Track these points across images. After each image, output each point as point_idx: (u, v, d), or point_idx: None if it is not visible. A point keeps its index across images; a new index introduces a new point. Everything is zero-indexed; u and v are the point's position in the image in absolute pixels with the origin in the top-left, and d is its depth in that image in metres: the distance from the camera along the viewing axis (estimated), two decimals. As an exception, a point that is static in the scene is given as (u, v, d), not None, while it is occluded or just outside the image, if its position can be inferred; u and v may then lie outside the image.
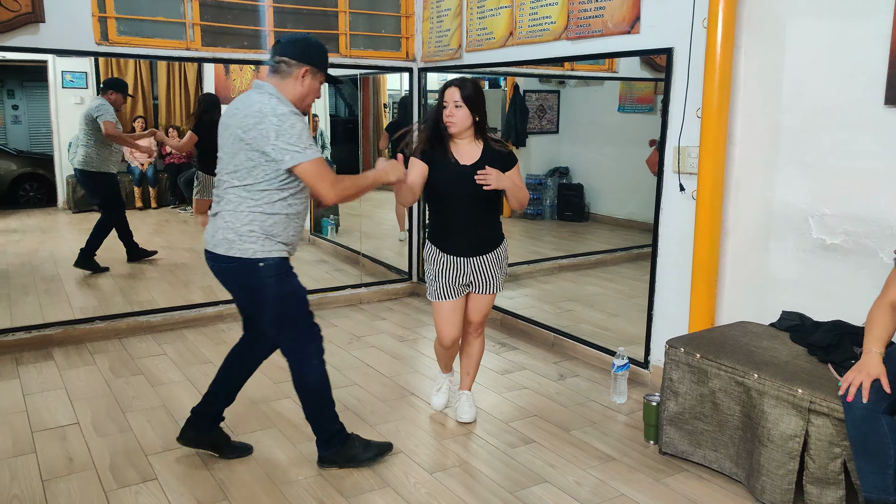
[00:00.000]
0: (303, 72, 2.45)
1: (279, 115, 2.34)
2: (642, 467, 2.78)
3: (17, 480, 2.63)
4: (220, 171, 2.51)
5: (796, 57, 2.89)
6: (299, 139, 2.35)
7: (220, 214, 2.50)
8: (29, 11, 3.71)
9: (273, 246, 2.47)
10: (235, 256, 2.45)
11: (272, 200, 2.43)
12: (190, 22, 4.18)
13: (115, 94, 5.51)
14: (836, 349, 2.53)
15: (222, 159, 2.49)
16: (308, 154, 2.35)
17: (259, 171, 2.40)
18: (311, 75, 2.48)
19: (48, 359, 3.89)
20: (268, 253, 2.46)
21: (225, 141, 2.46)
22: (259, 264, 2.46)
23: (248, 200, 2.43)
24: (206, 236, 2.54)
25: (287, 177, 2.42)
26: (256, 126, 2.34)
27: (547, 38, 3.95)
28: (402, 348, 4.11)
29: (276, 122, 2.33)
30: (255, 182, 2.41)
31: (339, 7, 4.66)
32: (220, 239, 2.47)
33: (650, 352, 3.55)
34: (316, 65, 2.48)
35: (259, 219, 2.44)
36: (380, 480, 2.66)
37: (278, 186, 2.42)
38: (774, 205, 3.03)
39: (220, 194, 2.52)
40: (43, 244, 6.74)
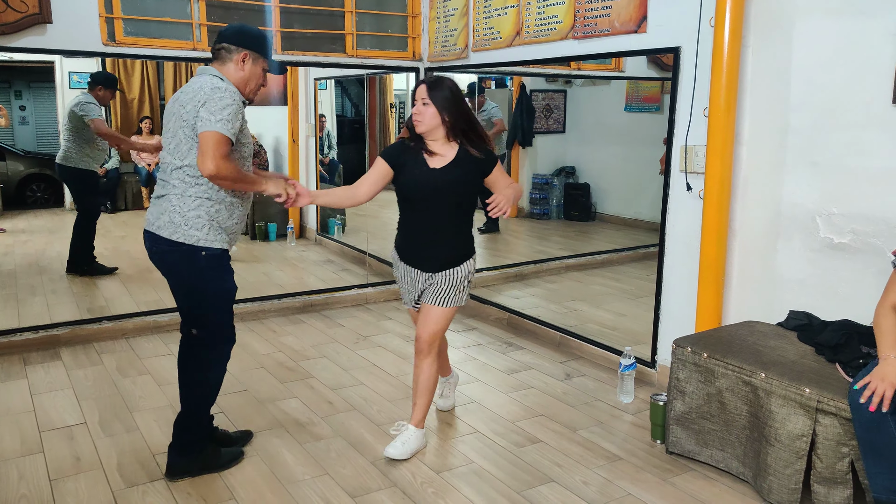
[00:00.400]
0: (242, 56, 2.50)
1: (213, 87, 2.39)
2: (649, 467, 2.77)
3: (25, 480, 2.65)
4: (164, 154, 2.51)
5: (804, 56, 2.88)
6: (221, 111, 2.35)
7: (166, 197, 2.50)
8: (36, 12, 3.73)
9: (217, 236, 2.52)
10: (178, 241, 2.48)
11: (216, 186, 2.47)
12: (197, 22, 4.19)
13: (104, 90, 5.33)
14: (843, 349, 2.52)
15: (166, 142, 2.50)
16: (217, 126, 2.34)
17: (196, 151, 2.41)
18: (251, 60, 2.52)
19: (56, 359, 3.91)
20: (210, 243, 2.50)
21: (168, 123, 2.49)
22: (201, 252, 2.49)
23: (195, 187, 2.46)
24: (150, 217, 2.55)
25: None
26: (192, 100, 2.39)
27: (553, 38, 3.95)
28: (409, 348, 4.11)
29: (209, 93, 2.37)
30: (194, 163, 2.42)
31: (345, 7, 4.67)
32: (166, 221, 2.48)
33: (657, 351, 3.55)
34: (256, 49, 2.53)
35: (206, 205, 2.48)
36: (387, 480, 2.66)
37: None
38: (782, 204, 3.02)
39: (164, 178, 2.52)
40: (50, 244, 6.77)
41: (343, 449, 2.90)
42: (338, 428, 3.09)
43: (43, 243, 6.82)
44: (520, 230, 7.24)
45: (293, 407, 3.29)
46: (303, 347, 4.14)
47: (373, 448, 2.91)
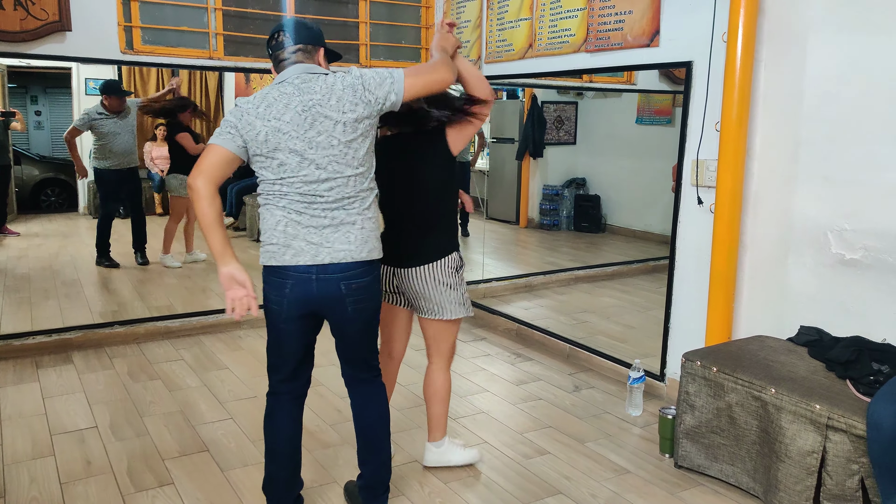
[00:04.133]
0: (320, 55, 2.25)
1: (360, 74, 2.13)
2: (658, 481, 2.76)
3: (36, 483, 2.67)
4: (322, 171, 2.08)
5: (817, 70, 2.89)
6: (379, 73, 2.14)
7: (353, 220, 2.13)
8: (56, 20, 3.78)
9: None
10: (377, 260, 2.23)
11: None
12: (213, 32, 4.24)
13: (109, 97, 5.66)
14: (854, 365, 2.51)
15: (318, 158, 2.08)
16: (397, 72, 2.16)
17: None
18: (324, 57, 2.28)
19: (67, 362, 3.94)
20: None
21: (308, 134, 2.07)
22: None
23: (371, 191, 2.20)
24: (336, 248, 2.11)
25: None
26: (339, 93, 2.09)
27: (566, 51, 3.97)
28: (417, 357, 4.12)
29: (354, 74, 2.12)
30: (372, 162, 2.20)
31: (359, 18, 4.71)
32: (374, 245, 2.19)
33: (666, 364, 3.54)
34: (324, 45, 2.29)
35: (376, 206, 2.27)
36: (394, 489, 2.67)
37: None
38: (793, 219, 3.01)
39: (339, 200, 2.12)
40: (64, 249, 6.84)
41: (351, 457, 2.90)
42: (346, 435, 3.09)
43: (56, 247, 6.88)
44: (529, 241, 7.25)
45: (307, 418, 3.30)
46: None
47: (381, 457, 2.91)
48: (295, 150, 2.06)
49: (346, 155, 2.09)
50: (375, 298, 2.25)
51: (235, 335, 4.47)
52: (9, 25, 3.67)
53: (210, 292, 5.30)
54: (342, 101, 2.07)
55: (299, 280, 2.13)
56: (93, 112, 5.68)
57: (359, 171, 2.12)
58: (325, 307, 2.18)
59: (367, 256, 2.16)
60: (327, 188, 2.09)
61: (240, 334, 4.49)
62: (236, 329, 4.58)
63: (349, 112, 2.07)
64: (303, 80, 2.10)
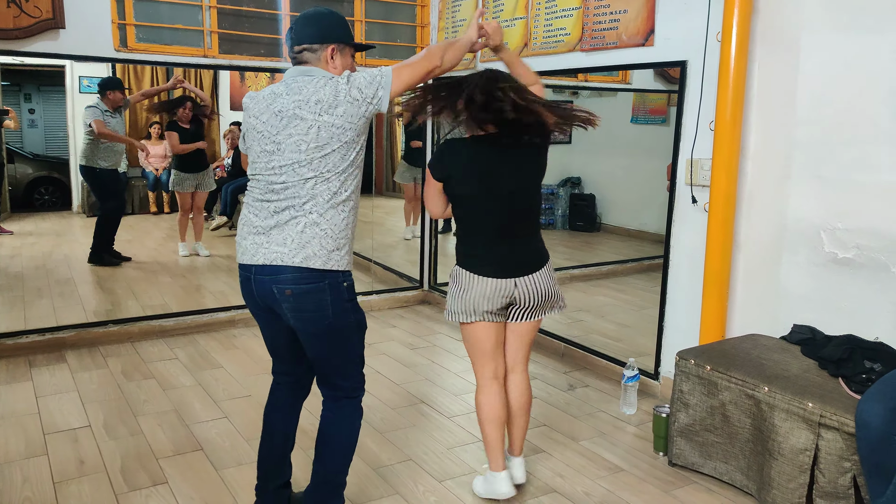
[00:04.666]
0: (330, 52, 2.11)
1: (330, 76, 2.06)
2: (651, 479, 2.77)
3: (29, 482, 2.66)
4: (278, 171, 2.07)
5: (811, 71, 2.90)
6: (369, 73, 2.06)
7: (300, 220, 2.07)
8: (49, 18, 3.77)
9: (350, 256, 2.19)
10: (332, 270, 2.10)
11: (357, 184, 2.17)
12: (208, 30, 4.23)
13: (113, 92, 5.71)
14: (847, 363, 2.52)
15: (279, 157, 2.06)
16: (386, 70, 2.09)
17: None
18: (339, 53, 2.13)
19: (61, 361, 3.93)
20: (349, 265, 2.17)
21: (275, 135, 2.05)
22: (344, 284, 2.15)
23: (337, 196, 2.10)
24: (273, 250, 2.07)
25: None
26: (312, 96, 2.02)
27: (561, 50, 3.97)
28: (413, 356, 4.12)
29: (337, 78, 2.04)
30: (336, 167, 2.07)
31: (354, 16, 4.70)
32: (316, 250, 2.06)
33: (660, 363, 3.55)
34: (341, 39, 2.13)
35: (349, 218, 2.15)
36: (389, 488, 2.67)
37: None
38: (787, 218, 3.02)
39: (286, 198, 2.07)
40: (57, 247, 6.81)
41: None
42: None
43: (50, 246, 6.85)
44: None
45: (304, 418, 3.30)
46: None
47: (376, 455, 2.91)
48: (265, 150, 2.06)
49: (311, 160, 2.01)
50: (321, 312, 2.08)
51: (230, 334, 4.47)
52: (2, 23, 3.66)
53: (205, 291, 5.29)
54: (321, 103, 1.99)
55: (243, 279, 2.15)
56: (101, 108, 5.69)
57: (325, 176, 2.03)
58: (272, 308, 2.14)
59: (302, 263, 2.03)
60: (283, 188, 2.05)
61: (234, 333, 4.48)
62: (231, 328, 4.57)
63: (325, 115, 1.99)
64: (296, 81, 2.06)
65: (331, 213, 2.06)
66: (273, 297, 2.09)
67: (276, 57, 4.47)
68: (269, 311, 2.17)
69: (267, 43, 4.44)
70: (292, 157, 2.02)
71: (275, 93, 2.07)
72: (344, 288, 2.12)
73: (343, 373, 2.23)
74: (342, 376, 2.23)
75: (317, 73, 2.07)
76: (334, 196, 2.06)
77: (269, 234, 2.07)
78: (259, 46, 4.42)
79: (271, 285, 2.06)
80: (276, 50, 4.47)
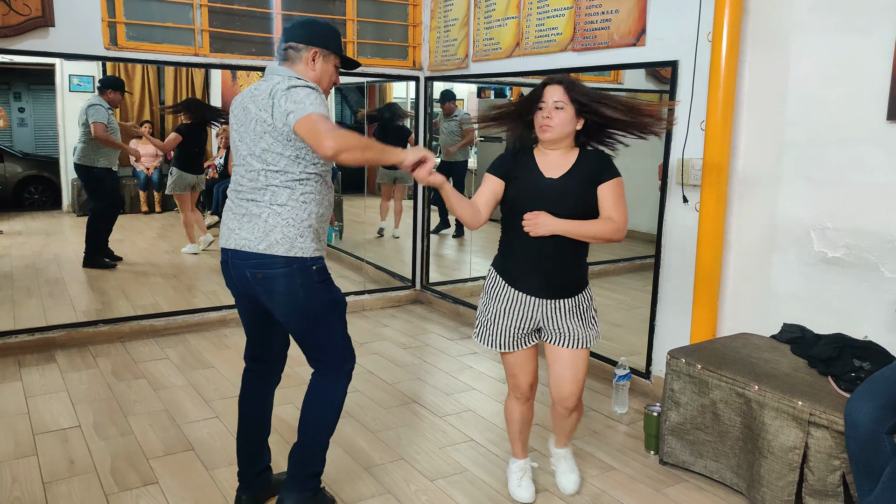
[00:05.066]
0: (312, 54, 2.23)
1: (291, 84, 2.10)
2: (643, 477, 2.78)
3: (19, 483, 2.64)
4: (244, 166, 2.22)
5: (801, 71, 2.91)
6: (306, 97, 2.06)
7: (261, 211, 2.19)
8: (39, 16, 3.75)
9: (319, 243, 2.30)
10: (297, 256, 2.19)
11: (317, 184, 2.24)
12: (199, 28, 4.22)
13: (114, 92, 5.74)
14: (836, 362, 2.54)
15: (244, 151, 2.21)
16: (310, 108, 2.03)
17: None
18: (321, 58, 2.25)
19: (51, 361, 3.91)
20: (318, 251, 2.27)
21: (241, 131, 2.21)
22: (313, 267, 2.24)
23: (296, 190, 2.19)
24: (242, 237, 2.21)
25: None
26: (269, 100, 2.12)
27: (553, 50, 3.98)
28: (405, 356, 4.12)
29: (287, 88, 2.10)
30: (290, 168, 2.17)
31: (346, 15, 4.70)
32: (279, 238, 2.17)
33: (652, 362, 3.56)
34: (326, 46, 2.25)
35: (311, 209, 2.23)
36: (380, 487, 2.67)
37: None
38: (777, 218, 3.04)
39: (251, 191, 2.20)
40: (47, 247, 6.77)
41: (337, 456, 2.90)
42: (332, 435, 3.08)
43: (40, 245, 6.81)
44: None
45: (288, 413, 3.29)
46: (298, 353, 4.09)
47: (367, 455, 2.91)
48: (234, 139, 2.25)
49: (255, 152, 2.16)
50: (292, 293, 2.19)
51: (221, 333, 4.45)
52: (-9, 21, 3.63)
53: (196, 290, 5.27)
54: (263, 100, 2.13)
55: (222, 261, 2.31)
56: (103, 105, 5.66)
57: (273, 167, 2.15)
58: (246, 290, 2.27)
59: (266, 250, 2.16)
60: (246, 179, 2.21)
61: (226, 333, 4.47)
62: (222, 328, 4.55)
63: (263, 112, 2.13)
64: (264, 79, 2.22)
65: (291, 203, 2.17)
66: (247, 281, 2.22)
67: (269, 56, 4.46)
68: (245, 293, 2.30)
69: (259, 42, 4.43)
70: (247, 147, 2.19)
71: (248, 90, 2.24)
72: (313, 271, 2.22)
73: (324, 349, 2.34)
74: (323, 352, 2.34)
75: (282, 73, 2.19)
76: (291, 187, 2.17)
77: (240, 220, 2.22)
78: (251, 45, 4.41)
79: (244, 269, 2.21)
80: (268, 49, 4.46)
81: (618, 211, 2.29)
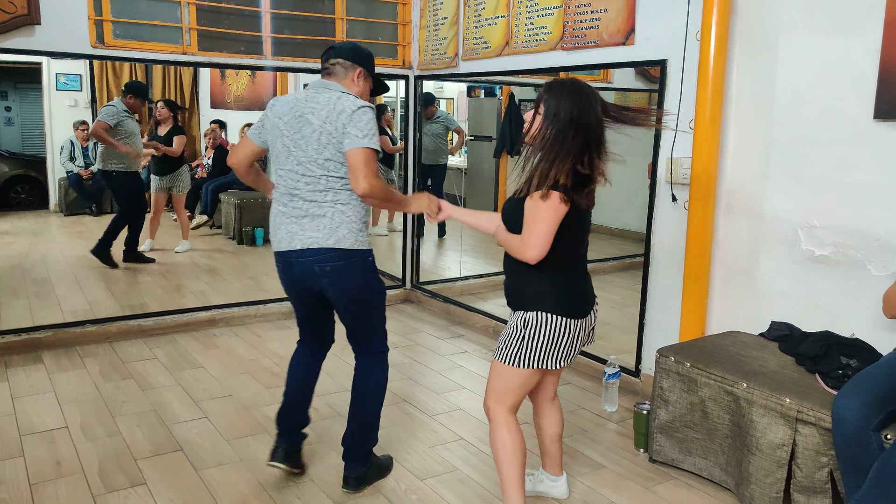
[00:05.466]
0: (357, 73, 2.51)
1: (358, 105, 2.37)
2: (632, 475, 2.79)
3: (5, 484, 2.62)
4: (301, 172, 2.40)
5: (788, 71, 2.93)
6: (367, 127, 2.35)
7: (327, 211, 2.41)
8: (25, 13, 3.71)
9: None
10: (361, 249, 2.47)
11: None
12: (187, 26, 4.19)
13: (134, 98, 5.75)
14: (823, 359, 2.55)
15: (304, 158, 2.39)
16: (366, 142, 2.33)
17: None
18: (363, 78, 2.54)
19: (37, 362, 3.87)
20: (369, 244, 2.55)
21: (299, 137, 2.39)
22: (369, 258, 2.52)
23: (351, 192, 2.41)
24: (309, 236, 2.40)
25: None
26: (332, 116, 2.35)
27: (542, 48, 3.98)
28: (395, 355, 4.11)
29: (354, 110, 2.35)
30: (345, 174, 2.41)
31: (336, 14, 4.68)
32: (345, 233, 2.41)
33: (641, 360, 3.57)
34: (368, 69, 2.56)
35: (362, 207, 2.48)
36: (370, 487, 2.66)
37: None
38: (765, 216, 3.05)
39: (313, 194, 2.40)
40: (34, 247, 6.72)
41: (327, 455, 2.89)
42: (322, 434, 3.08)
43: (26, 245, 6.76)
44: (507, 238, 7.25)
45: (277, 413, 3.29)
46: (288, 353, 4.07)
47: (357, 454, 2.90)
48: (286, 146, 2.42)
49: (318, 159, 2.38)
50: (354, 282, 2.46)
51: (210, 333, 4.43)
52: (-24, 18, 3.60)
53: (185, 290, 5.24)
54: (331, 116, 2.35)
55: (284, 264, 2.50)
56: (120, 107, 5.68)
57: (334, 173, 2.39)
58: (310, 287, 2.49)
59: (336, 244, 2.40)
60: (305, 183, 2.40)
61: (215, 333, 4.45)
62: (211, 327, 4.53)
63: (328, 124, 2.35)
64: (317, 91, 2.43)
65: (352, 202, 2.43)
66: (314, 275, 2.43)
67: (257, 54, 4.44)
68: (307, 290, 2.52)
69: (247, 40, 4.41)
70: (306, 155, 2.39)
71: (297, 99, 2.43)
72: (369, 262, 2.51)
73: (373, 332, 2.63)
74: (371, 334, 2.63)
75: (334, 88, 2.44)
76: (350, 189, 2.40)
77: (300, 222, 2.42)
78: (239, 44, 4.38)
79: (313, 265, 2.42)
80: (257, 47, 4.44)
81: (526, 230, 2.08)
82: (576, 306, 2.24)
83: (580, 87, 2.10)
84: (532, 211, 2.06)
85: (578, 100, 2.07)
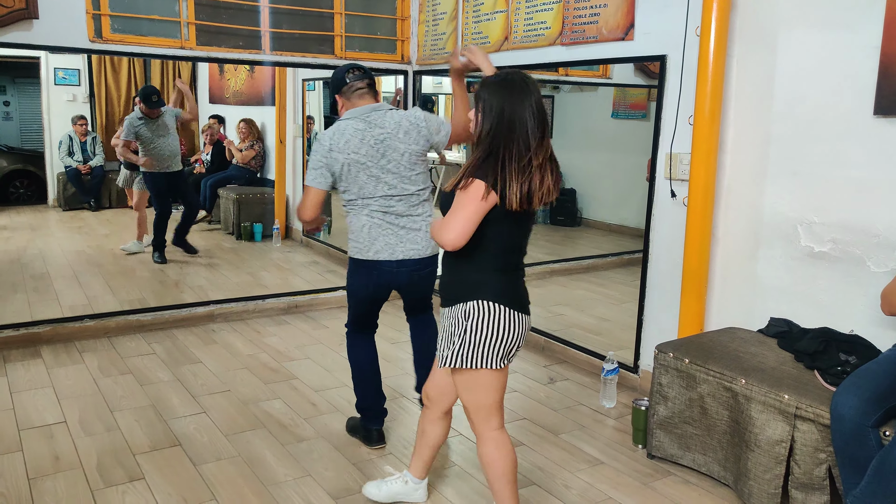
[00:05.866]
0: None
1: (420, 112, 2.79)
2: (630, 471, 2.79)
3: (4, 479, 2.62)
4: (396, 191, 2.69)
5: (788, 67, 2.92)
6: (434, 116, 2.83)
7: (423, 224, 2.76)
8: (22, 7, 3.70)
9: None
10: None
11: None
12: (185, 21, 4.18)
13: (143, 104, 5.74)
14: (822, 356, 2.55)
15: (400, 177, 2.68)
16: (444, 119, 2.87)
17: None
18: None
19: (36, 357, 3.87)
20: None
21: (390, 159, 2.66)
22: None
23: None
24: (419, 245, 2.76)
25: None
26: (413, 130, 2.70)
27: (542, 44, 3.97)
28: (392, 350, 4.12)
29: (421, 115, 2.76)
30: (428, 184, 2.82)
31: (334, 9, 4.67)
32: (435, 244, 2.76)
33: (640, 356, 3.57)
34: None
35: None
36: (366, 480, 2.66)
37: None
38: (764, 212, 3.05)
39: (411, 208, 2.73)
40: (32, 242, 6.71)
41: (325, 451, 2.90)
42: (321, 429, 3.08)
43: (25, 240, 6.75)
44: (506, 234, 7.24)
45: (276, 408, 3.29)
46: (287, 348, 4.13)
47: (355, 450, 2.91)
48: (372, 175, 2.65)
49: (409, 177, 2.69)
50: (433, 278, 2.90)
51: (208, 328, 4.43)
52: (-27, 12, 3.58)
53: (183, 285, 5.24)
54: (409, 134, 2.68)
55: (382, 272, 2.75)
56: (133, 118, 5.73)
57: (422, 186, 2.73)
58: (400, 288, 2.86)
59: (431, 253, 2.80)
60: (398, 202, 2.69)
61: (213, 328, 4.45)
62: (209, 322, 4.53)
63: (413, 144, 2.68)
64: (372, 117, 2.67)
65: (431, 211, 2.77)
66: (406, 279, 2.79)
67: (256, 49, 4.43)
68: (388, 289, 2.84)
69: (246, 35, 4.40)
70: (396, 179, 2.67)
71: (358, 129, 2.65)
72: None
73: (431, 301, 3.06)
74: (430, 304, 3.08)
75: (383, 107, 2.73)
76: (429, 199, 2.75)
77: (399, 237, 2.72)
78: (238, 38, 4.37)
79: (410, 273, 2.77)
80: (256, 42, 4.42)
81: (449, 214, 2.00)
82: (517, 300, 2.09)
83: (513, 80, 2.03)
84: (458, 198, 1.99)
85: (510, 94, 2.01)
